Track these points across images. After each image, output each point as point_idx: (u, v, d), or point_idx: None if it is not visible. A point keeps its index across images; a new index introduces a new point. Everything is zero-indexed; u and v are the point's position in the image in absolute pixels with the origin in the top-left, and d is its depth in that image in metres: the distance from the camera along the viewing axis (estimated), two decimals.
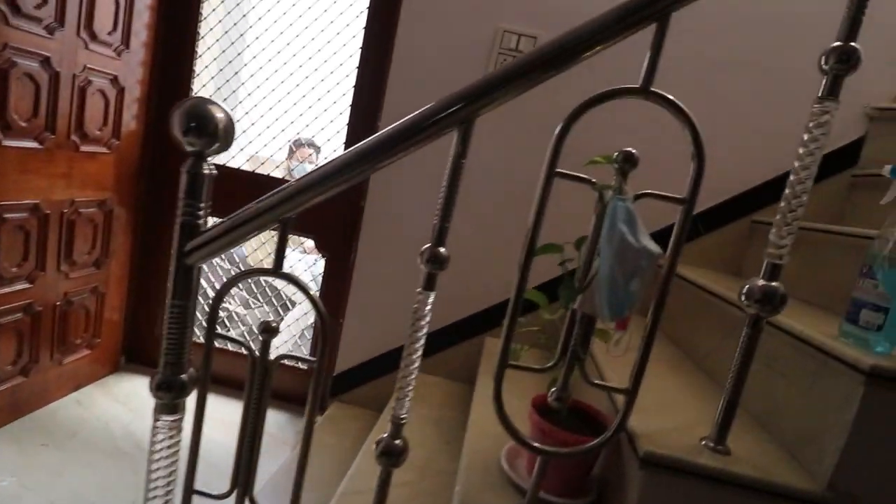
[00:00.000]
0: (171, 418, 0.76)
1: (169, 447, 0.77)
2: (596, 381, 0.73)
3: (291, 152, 3.15)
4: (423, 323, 0.69)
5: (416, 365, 0.70)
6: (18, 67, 1.34)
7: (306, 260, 2.93)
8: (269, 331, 0.75)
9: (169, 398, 0.76)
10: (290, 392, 1.94)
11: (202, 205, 0.75)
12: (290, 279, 0.72)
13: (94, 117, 1.63)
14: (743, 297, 0.69)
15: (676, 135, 0.62)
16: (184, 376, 0.78)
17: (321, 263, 2.11)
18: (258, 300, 2.77)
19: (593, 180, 0.65)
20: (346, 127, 1.82)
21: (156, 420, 0.73)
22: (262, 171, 1.97)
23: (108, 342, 1.92)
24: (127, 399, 1.83)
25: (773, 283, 0.68)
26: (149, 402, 0.73)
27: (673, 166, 0.83)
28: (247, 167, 2.08)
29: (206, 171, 0.75)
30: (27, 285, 1.50)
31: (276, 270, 0.72)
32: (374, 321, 1.74)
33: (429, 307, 0.68)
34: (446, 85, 0.63)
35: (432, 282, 0.68)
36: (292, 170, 3.09)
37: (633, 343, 0.72)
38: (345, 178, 0.67)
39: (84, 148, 1.61)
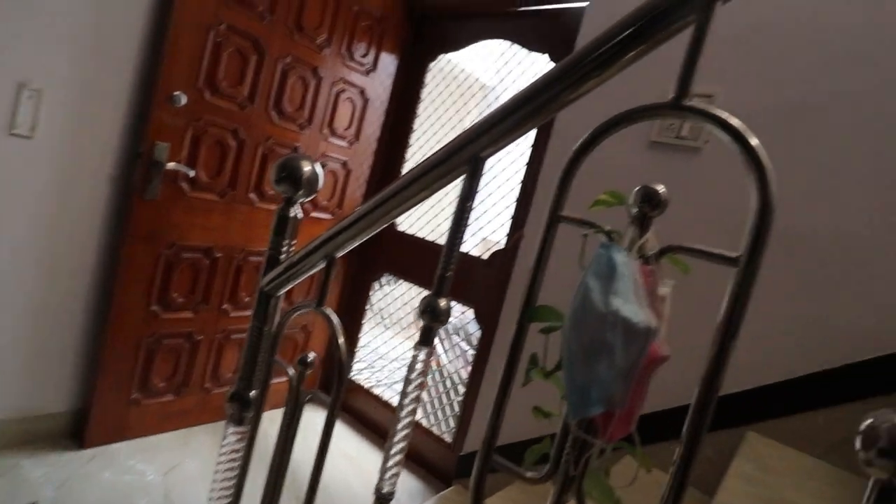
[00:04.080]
0: (238, 429, 0.88)
1: (233, 452, 0.88)
2: None
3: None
4: (415, 383, 0.64)
5: (406, 433, 0.65)
6: (275, 153, 1.87)
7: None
8: (304, 364, 0.81)
9: (235, 410, 0.88)
10: (428, 460, 1.94)
11: (286, 242, 0.88)
12: (327, 316, 0.78)
13: (325, 192, 2.11)
14: None
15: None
16: (253, 392, 0.89)
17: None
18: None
19: (607, 228, 0.52)
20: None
21: (226, 428, 0.85)
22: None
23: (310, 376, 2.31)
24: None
25: None
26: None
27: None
28: (475, 252, 2.25)
29: (293, 215, 0.89)
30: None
31: (318, 306, 0.79)
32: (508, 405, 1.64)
33: (420, 365, 0.64)
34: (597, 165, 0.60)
35: (429, 336, 0.64)
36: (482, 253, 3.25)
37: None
38: (367, 223, 0.71)
39: (314, 214, 2.09)
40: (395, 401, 2.27)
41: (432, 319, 0.60)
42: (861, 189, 1.07)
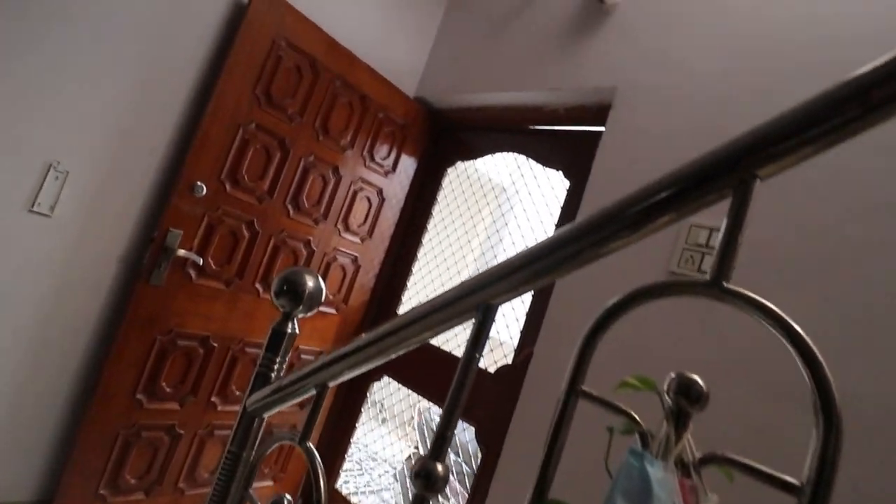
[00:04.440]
0: None
1: None
2: None
3: None
4: None
5: None
6: (287, 245, 1.87)
7: None
8: None
9: None
10: None
11: (278, 359, 0.83)
12: (310, 454, 0.70)
13: (333, 286, 2.08)
14: None
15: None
16: None
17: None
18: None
19: (633, 415, 0.46)
20: None
21: None
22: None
23: (293, 478, 2.13)
24: None
25: None
26: None
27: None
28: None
29: (289, 331, 0.84)
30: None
31: (301, 441, 0.71)
32: None
33: None
34: (624, 272, 0.58)
35: None
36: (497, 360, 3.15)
37: None
38: (360, 359, 0.66)
39: (319, 309, 2.04)
40: None
41: (426, 488, 0.52)
42: None
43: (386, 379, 2.24)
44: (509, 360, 1.81)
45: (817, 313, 1.07)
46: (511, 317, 2.01)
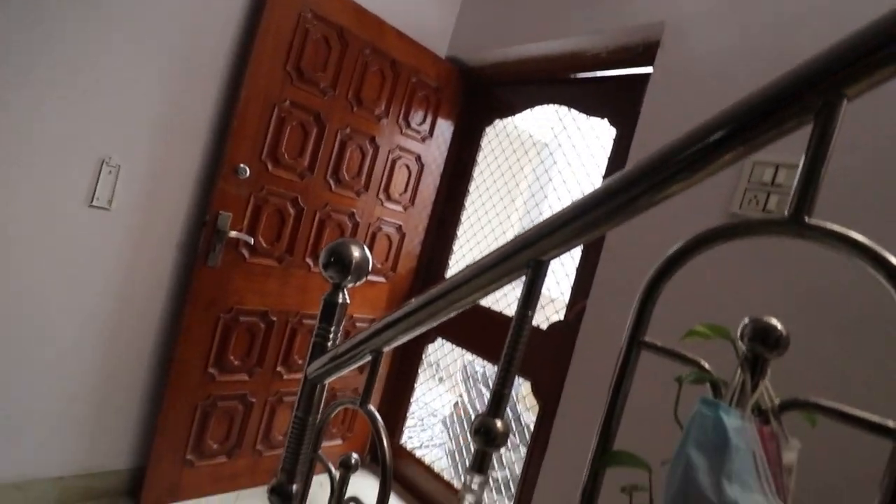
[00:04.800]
0: None
1: None
2: None
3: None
4: None
5: None
6: (332, 219, 1.90)
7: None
8: (346, 466, 0.75)
9: (278, 502, 0.82)
10: None
11: (332, 328, 0.85)
12: (371, 417, 0.72)
13: (380, 255, 2.11)
14: None
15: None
16: (294, 486, 0.84)
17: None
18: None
19: (705, 365, 0.43)
20: None
21: None
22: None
23: (360, 437, 2.24)
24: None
25: None
26: None
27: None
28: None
29: (340, 301, 0.85)
30: None
31: (363, 404, 0.73)
32: (566, 487, 1.48)
33: (471, 498, 0.55)
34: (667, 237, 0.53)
35: (483, 462, 0.55)
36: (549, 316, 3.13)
37: None
38: (410, 323, 0.66)
39: (368, 278, 2.08)
40: (445, 470, 2.14)
41: (486, 443, 0.52)
42: None
43: (440, 341, 2.28)
44: (561, 316, 1.79)
45: None
46: (561, 273, 1.97)
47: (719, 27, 1.36)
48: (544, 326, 1.81)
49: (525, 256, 0.54)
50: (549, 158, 2.92)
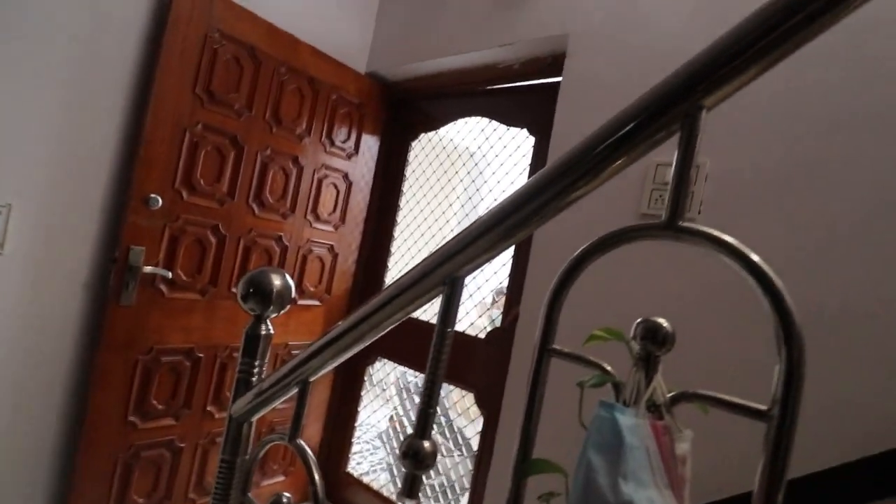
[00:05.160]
0: None
1: None
2: None
3: (494, 301, 3.27)
4: None
5: None
6: (258, 245, 1.83)
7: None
8: None
9: None
10: None
11: (257, 362, 0.81)
12: (301, 451, 0.69)
13: (313, 277, 2.05)
14: None
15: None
16: None
17: None
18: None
19: (605, 366, 0.44)
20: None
21: None
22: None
23: (303, 472, 2.14)
24: None
25: None
26: None
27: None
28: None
29: (264, 332, 0.81)
30: None
31: (291, 439, 0.70)
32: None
33: None
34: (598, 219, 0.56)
35: (414, 486, 0.54)
36: (494, 319, 3.18)
37: None
38: (335, 350, 0.64)
39: (301, 301, 2.01)
40: (384, 486, 2.09)
41: (415, 466, 0.52)
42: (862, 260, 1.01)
43: (382, 359, 2.24)
44: (498, 323, 1.81)
45: (783, 239, 1.07)
46: (494, 281, 2.01)
47: (614, 40, 1.45)
48: (483, 335, 1.83)
49: (441, 273, 0.54)
50: (477, 169, 2.98)
